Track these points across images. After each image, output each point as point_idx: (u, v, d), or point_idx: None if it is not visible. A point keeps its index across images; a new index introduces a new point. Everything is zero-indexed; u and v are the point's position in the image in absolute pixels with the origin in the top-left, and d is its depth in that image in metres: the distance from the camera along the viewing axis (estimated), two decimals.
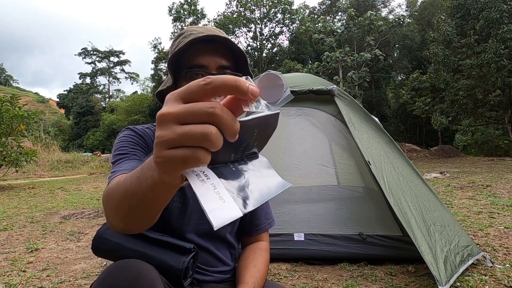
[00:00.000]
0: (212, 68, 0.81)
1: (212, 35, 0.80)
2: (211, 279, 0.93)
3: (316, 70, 20.12)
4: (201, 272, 0.91)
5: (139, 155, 0.82)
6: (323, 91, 2.57)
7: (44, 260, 2.54)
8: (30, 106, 31.64)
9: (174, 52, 0.82)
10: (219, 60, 0.82)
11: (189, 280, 0.81)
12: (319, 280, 2.02)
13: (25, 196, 6.30)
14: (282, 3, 28.94)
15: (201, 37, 0.79)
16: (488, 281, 1.88)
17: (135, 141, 0.86)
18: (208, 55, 0.82)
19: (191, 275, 0.82)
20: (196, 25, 0.90)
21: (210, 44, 0.82)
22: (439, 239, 1.96)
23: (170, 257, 0.77)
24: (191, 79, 0.80)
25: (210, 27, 0.89)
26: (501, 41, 13.37)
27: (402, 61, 25.81)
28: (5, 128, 7.48)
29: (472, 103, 15.63)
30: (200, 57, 0.82)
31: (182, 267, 0.76)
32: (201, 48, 0.82)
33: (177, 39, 0.88)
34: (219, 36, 0.81)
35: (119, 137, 0.87)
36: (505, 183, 5.80)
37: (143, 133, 0.89)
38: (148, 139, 0.89)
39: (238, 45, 0.83)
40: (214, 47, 0.83)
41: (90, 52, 61.04)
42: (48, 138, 25.93)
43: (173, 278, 0.77)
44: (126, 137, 0.86)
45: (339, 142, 2.80)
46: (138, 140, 0.86)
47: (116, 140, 0.88)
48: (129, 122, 36.29)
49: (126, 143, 0.84)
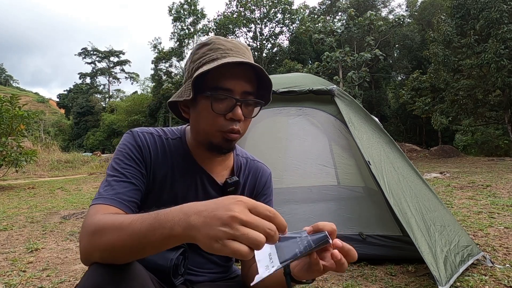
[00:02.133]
0: (237, 92, 0.77)
1: (246, 62, 0.76)
2: (205, 279, 0.92)
3: (316, 70, 20.13)
4: (193, 274, 0.90)
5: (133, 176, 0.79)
6: (323, 91, 2.56)
7: (44, 260, 2.54)
8: (30, 106, 31.62)
9: (203, 71, 0.75)
10: (244, 85, 0.78)
11: (181, 279, 0.81)
12: (319, 280, 2.02)
13: (25, 196, 6.30)
14: (282, 3, 28.94)
15: (235, 62, 0.75)
16: (488, 281, 1.88)
17: (132, 156, 0.81)
18: (234, 79, 0.77)
19: (182, 272, 0.81)
20: (223, 38, 0.83)
21: (238, 66, 0.77)
22: (439, 239, 1.96)
23: (158, 256, 0.77)
24: (215, 101, 0.77)
25: (237, 42, 0.83)
26: (501, 41, 13.38)
27: (402, 61, 25.81)
28: (5, 128, 7.48)
29: (472, 103, 15.63)
30: (228, 80, 0.77)
31: (170, 264, 0.76)
32: (229, 70, 0.77)
33: (200, 49, 0.82)
34: (252, 64, 0.77)
35: (120, 144, 0.84)
36: (505, 183, 5.80)
37: (143, 142, 0.84)
38: (145, 149, 0.84)
39: (266, 72, 0.79)
40: (242, 70, 0.78)
41: (90, 52, 61.07)
42: (48, 138, 25.93)
43: (164, 277, 0.77)
44: (126, 148, 0.82)
45: (339, 142, 2.80)
46: (136, 154, 0.82)
47: (119, 144, 0.85)
48: (129, 122, 36.32)
49: (123, 157, 0.80)
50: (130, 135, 0.85)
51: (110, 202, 0.72)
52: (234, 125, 0.78)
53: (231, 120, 0.78)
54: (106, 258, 0.61)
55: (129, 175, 0.79)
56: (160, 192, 0.86)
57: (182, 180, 0.87)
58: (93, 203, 0.72)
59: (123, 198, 0.74)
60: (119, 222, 0.59)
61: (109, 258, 0.61)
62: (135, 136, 0.85)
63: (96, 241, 0.61)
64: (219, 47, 0.80)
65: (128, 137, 0.85)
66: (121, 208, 0.72)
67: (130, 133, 0.86)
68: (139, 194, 0.79)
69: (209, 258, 0.93)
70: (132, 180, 0.79)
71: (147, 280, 0.66)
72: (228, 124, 0.78)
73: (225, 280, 0.97)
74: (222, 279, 0.96)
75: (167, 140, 0.88)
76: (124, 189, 0.76)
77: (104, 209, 0.70)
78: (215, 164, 0.90)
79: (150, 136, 0.87)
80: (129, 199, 0.75)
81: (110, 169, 0.79)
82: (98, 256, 0.61)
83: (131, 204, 0.75)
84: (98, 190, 0.76)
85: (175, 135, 0.91)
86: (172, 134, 0.91)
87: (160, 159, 0.85)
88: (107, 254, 0.60)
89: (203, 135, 0.82)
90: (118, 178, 0.77)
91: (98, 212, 0.67)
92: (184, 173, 0.88)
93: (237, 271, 1.03)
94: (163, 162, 0.86)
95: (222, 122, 0.78)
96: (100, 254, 0.61)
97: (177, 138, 0.90)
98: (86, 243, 0.63)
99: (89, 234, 0.62)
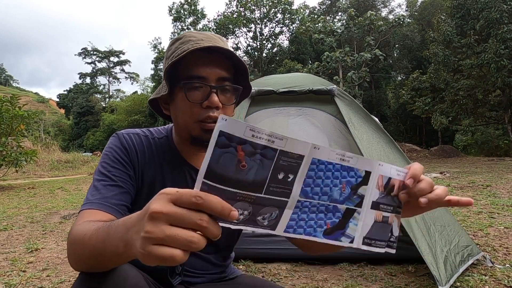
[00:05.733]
0: (212, 80, 0.77)
1: (215, 46, 0.75)
2: (203, 280, 0.91)
3: (316, 70, 20.13)
4: (190, 275, 0.89)
5: (120, 179, 0.78)
6: (323, 91, 2.57)
7: (44, 260, 2.54)
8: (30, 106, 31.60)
9: (172, 62, 0.76)
10: (219, 71, 0.77)
11: (179, 278, 0.80)
12: (319, 280, 2.02)
13: (25, 196, 6.30)
14: (282, 3, 28.94)
15: (203, 47, 0.74)
16: (488, 281, 1.88)
17: (118, 159, 0.80)
18: (208, 66, 0.77)
19: (180, 271, 0.80)
20: (195, 31, 0.83)
21: (210, 54, 0.77)
22: (439, 239, 1.96)
23: None
24: (189, 90, 0.76)
25: (210, 33, 0.83)
26: (501, 41, 13.38)
27: (402, 61, 25.83)
28: (5, 128, 7.48)
29: (472, 103, 15.64)
30: (200, 67, 0.77)
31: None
32: (201, 58, 0.77)
33: (173, 44, 0.82)
34: (222, 48, 0.76)
35: (106, 148, 0.83)
36: (505, 183, 5.80)
37: (129, 144, 0.83)
38: (132, 151, 0.83)
39: (234, 51, 0.79)
40: (214, 57, 0.77)
41: (90, 52, 61.06)
42: (48, 138, 25.95)
43: (161, 278, 0.76)
44: (111, 151, 0.81)
45: (339, 142, 2.80)
46: (123, 156, 0.81)
47: (105, 147, 0.84)
48: (129, 122, 36.31)
49: (110, 161, 0.80)
50: (115, 138, 0.84)
51: (97, 206, 0.70)
52: (211, 113, 0.77)
53: (208, 108, 0.76)
54: (83, 269, 0.62)
55: (116, 178, 0.77)
56: (150, 193, 0.84)
57: (172, 179, 0.86)
58: (81, 209, 0.71)
59: (111, 202, 0.72)
60: (83, 234, 0.57)
61: (85, 269, 0.61)
62: (121, 138, 0.83)
63: (70, 252, 0.62)
64: (190, 39, 0.79)
65: (114, 140, 0.84)
66: (109, 212, 0.70)
67: (115, 135, 0.85)
68: (127, 196, 0.78)
69: (206, 258, 0.92)
70: (119, 183, 0.77)
71: (140, 281, 0.65)
72: (205, 113, 0.77)
73: (224, 281, 0.96)
74: (221, 280, 0.95)
75: (153, 140, 0.88)
76: (111, 192, 0.74)
77: (90, 214, 0.68)
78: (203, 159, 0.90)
79: (136, 137, 0.85)
80: (117, 202, 0.74)
81: (96, 174, 0.78)
82: (75, 266, 0.62)
83: (120, 208, 0.73)
84: (86, 195, 0.75)
85: (162, 134, 0.90)
86: (158, 134, 0.90)
87: (147, 159, 0.85)
88: (82, 266, 0.61)
89: (183, 128, 0.81)
90: (104, 182, 0.76)
91: (84, 218, 0.66)
92: (173, 171, 0.87)
93: (236, 272, 1.02)
94: (151, 162, 0.85)
95: (199, 111, 0.77)
96: (75, 265, 0.62)
97: (163, 137, 0.89)
98: (67, 252, 0.64)
99: (68, 245, 0.63)
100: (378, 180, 0.52)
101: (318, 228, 0.48)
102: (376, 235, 0.53)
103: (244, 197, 0.41)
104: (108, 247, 0.50)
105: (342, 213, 0.49)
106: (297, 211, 0.46)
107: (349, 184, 0.49)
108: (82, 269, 0.62)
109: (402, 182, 0.54)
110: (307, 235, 0.47)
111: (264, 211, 0.43)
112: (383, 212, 0.53)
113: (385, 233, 0.54)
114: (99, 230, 0.53)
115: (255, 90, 2.59)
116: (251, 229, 0.43)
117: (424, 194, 0.54)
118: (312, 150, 0.44)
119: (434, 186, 0.55)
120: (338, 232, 0.49)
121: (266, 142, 0.41)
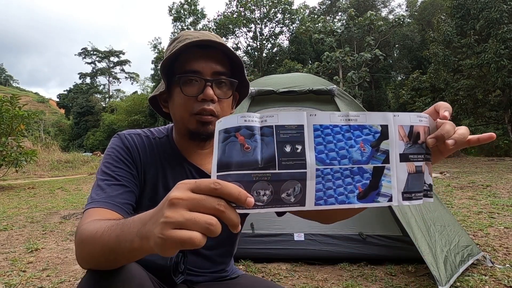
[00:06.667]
0: (207, 74, 0.79)
1: (208, 40, 0.77)
2: (205, 279, 0.92)
3: (316, 70, 20.13)
4: (193, 274, 0.89)
5: (124, 178, 0.79)
6: (323, 91, 2.57)
7: (44, 260, 2.54)
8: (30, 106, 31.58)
9: (168, 57, 0.79)
10: (214, 66, 0.79)
11: (182, 277, 0.80)
12: (319, 280, 2.02)
13: (25, 196, 6.30)
14: (282, 3, 28.96)
15: (196, 41, 0.76)
16: (488, 281, 1.88)
17: (121, 158, 0.81)
18: (203, 61, 0.79)
19: (183, 270, 0.81)
20: (193, 30, 0.85)
21: (205, 49, 0.79)
22: (439, 239, 1.96)
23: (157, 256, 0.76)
24: (184, 84, 0.78)
25: (207, 32, 0.86)
26: (501, 41, 13.38)
27: (402, 61, 25.83)
28: (5, 128, 7.48)
29: (472, 103, 15.64)
30: (195, 62, 0.79)
31: (170, 263, 0.76)
32: (196, 53, 0.79)
33: (171, 44, 0.85)
34: (215, 42, 0.78)
35: (108, 148, 0.84)
36: (505, 183, 5.80)
37: (131, 144, 0.84)
38: (134, 151, 0.84)
39: (234, 51, 0.80)
40: (209, 52, 0.80)
41: (90, 52, 61.10)
42: (48, 138, 25.93)
43: (165, 277, 0.76)
44: (114, 151, 0.82)
45: None
46: (125, 156, 0.82)
47: (107, 148, 0.85)
48: (129, 122, 36.33)
49: (113, 160, 0.80)
50: (117, 138, 0.85)
51: (104, 205, 0.70)
52: (206, 105, 0.78)
53: (203, 101, 0.78)
54: (92, 266, 0.62)
55: (120, 177, 0.78)
56: (153, 192, 0.85)
57: (173, 177, 0.87)
58: (86, 208, 0.71)
59: (117, 200, 0.73)
60: (94, 232, 0.57)
61: (95, 266, 0.61)
62: (123, 138, 0.84)
63: (79, 251, 0.62)
64: (186, 37, 0.81)
65: (116, 140, 0.85)
66: (116, 211, 0.71)
67: (117, 136, 0.86)
68: (132, 196, 0.78)
69: (207, 256, 0.92)
70: (124, 182, 0.78)
71: (146, 281, 0.65)
72: (200, 105, 0.78)
73: (226, 280, 0.96)
74: (223, 279, 0.96)
75: (154, 140, 0.89)
76: (117, 191, 0.75)
77: (97, 213, 0.68)
78: (203, 156, 0.90)
79: (137, 137, 0.86)
80: (123, 201, 0.74)
81: (100, 173, 0.78)
82: (84, 265, 0.62)
83: (125, 206, 0.74)
84: (89, 194, 0.75)
85: (162, 134, 0.91)
86: (159, 134, 0.91)
87: (149, 159, 0.86)
88: (92, 263, 0.61)
89: (181, 123, 0.83)
90: (109, 181, 0.76)
91: (91, 217, 0.66)
92: (174, 170, 0.88)
93: (237, 272, 1.02)
94: (152, 161, 0.86)
95: (194, 104, 0.79)
96: (85, 263, 0.62)
97: (164, 137, 0.90)
98: (76, 251, 0.64)
99: (76, 244, 0.63)
100: (399, 131, 0.50)
101: (350, 193, 0.47)
102: (413, 188, 0.50)
103: (260, 176, 0.42)
104: (122, 242, 0.50)
105: (371, 173, 0.48)
106: (320, 180, 0.45)
107: (367, 142, 0.48)
108: (91, 266, 0.62)
109: (426, 127, 0.52)
110: (341, 204, 0.46)
111: (286, 186, 0.43)
112: (415, 163, 0.51)
113: (421, 183, 0.52)
114: (112, 227, 0.54)
115: (255, 90, 2.59)
116: (280, 209, 0.43)
117: (450, 136, 0.52)
118: (309, 118, 0.45)
119: (455, 126, 0.54)
120: (372, 194, 0.48)
121: (260, 123, 0.44)
